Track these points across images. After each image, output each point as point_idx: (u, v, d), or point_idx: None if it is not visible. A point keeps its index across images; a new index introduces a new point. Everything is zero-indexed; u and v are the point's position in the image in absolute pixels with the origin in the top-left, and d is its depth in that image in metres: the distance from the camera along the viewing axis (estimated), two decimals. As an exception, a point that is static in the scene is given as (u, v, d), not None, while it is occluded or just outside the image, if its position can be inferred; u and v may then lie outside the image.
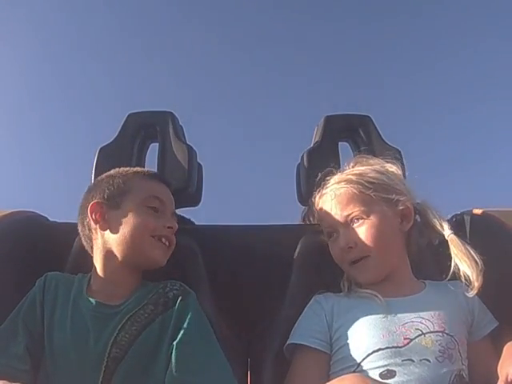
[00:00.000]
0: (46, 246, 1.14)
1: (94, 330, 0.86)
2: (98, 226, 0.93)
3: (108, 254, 0.92)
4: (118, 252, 0.92)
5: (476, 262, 0.88)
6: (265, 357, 0.98)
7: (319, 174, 1.06)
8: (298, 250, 1.10)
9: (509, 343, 0.82)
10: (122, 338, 0.84)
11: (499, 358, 0.83)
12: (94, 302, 0.89)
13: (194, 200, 1.41)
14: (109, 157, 1.23)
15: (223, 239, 1.29)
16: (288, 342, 0.93)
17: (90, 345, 0.84)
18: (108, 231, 0.92)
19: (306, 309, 0.96)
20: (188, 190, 1.22)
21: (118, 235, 0.91)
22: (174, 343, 0.83)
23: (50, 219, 1.22)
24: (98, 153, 1.24)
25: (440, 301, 0.92)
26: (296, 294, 1.03)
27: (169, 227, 0.94)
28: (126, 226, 0.91)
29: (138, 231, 0.91)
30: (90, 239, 0.96)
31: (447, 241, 0.94)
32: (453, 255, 0.92)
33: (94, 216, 0.93)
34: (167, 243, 0.95)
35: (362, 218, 0.93)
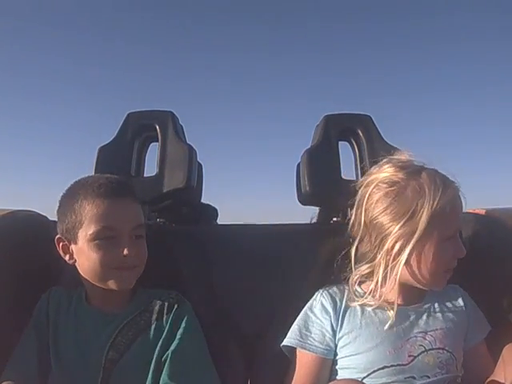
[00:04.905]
0: (46, 246, 1.13)
1: (94, 335, 0.92)
2: (67, 257, 0.95)
3: (86, 280, 0.94)
4: (91, 280, 0.93)
5: None
6: (265, 357, 0.98)
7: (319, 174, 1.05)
8: (301, 249, 1.09)
9: (508, 345, 0.83)
10: (119, 341, 0.91)
11: (495, 360, 0.84)
12: (93, 310, 0.95)
13: (194, 199, 1.42)
14: (108, 156, 1.23)
15: (223, 238, 1.29)
16: (288, 344, 0.92)
17: (90, 348, 0.91)
18: (77, 263, 0.94)
19: (310, 306, 0.95)
20: (188, 189, 1.21)
21: (84, 268, 0.93)
22: (169, 352, 0.89)
23: (50, 219, 1.22)
24: (98, 152, 1.23)
25: (442, 311, 0.92)
26: (299, 295, 1.02)
27: (124, 256, 0.89)
28: (87, 261, 0.91)
29: (97, 267, 0.90)
30: None
31: None
32: None
33: (60, 249, 0.95)
34: (131, 267, 0.92)
35: None
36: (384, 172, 0.91)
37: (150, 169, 1.27)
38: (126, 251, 0.89)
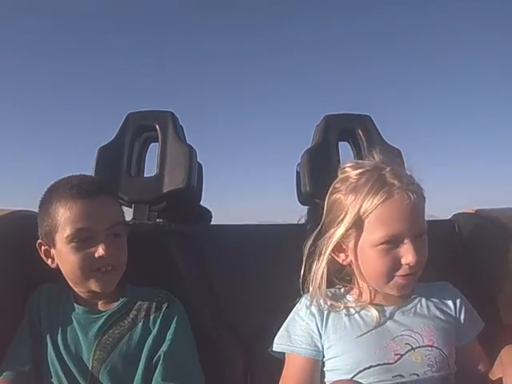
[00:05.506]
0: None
1: (81, 334, 0.92)
2: (49, 261, 0.95)
3: (70, 281, 0.94)
4: (74, 282, 0.93)
5: None
6: (264, 356, 0.98)
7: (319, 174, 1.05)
8: (299, 249, 1.09)
9: (506, 347, 0.82)
10: (106, 340, 0.91)
11: (489, 359, 0.84)
12: (80, 309, 0.95)
13: (194, 200, 1.42)
14: (108, 157, 1.23)
15: (223, 239, 1.29)
16: (278, 349, 0.92)
17: (79, 347, 0.91)
18: (59, 266, 0.94)
19: (296, 309, 0.95)
20: (188, 189, 1.21)
21: (65, 271, 0.93)
22: (161, 352, 0.89)
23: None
24: (98, 153, 1.23)
25: (429, 308, 0.91)
26: (297, 295, 1.02)
27: (100, 256, 0.88)
28: (66, 264, 0.91)
29: (76, 269, 0.89)
30: None
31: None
32: None
33: (42, 254, 0.95)
34: (109, 268, 0.91)
35: (424, 234, 0.87)
36: (344, 172, 0.94)
37: (150, 169, 1.27)
38: (101, 251, 0.88)
